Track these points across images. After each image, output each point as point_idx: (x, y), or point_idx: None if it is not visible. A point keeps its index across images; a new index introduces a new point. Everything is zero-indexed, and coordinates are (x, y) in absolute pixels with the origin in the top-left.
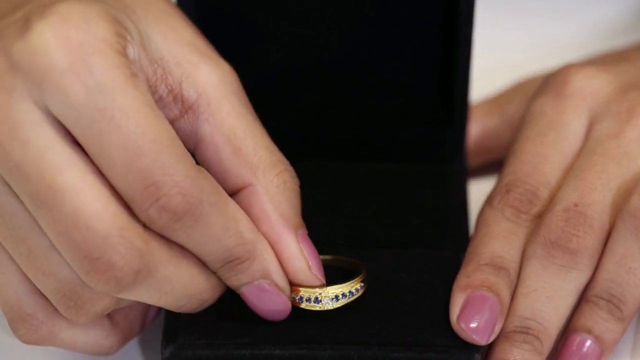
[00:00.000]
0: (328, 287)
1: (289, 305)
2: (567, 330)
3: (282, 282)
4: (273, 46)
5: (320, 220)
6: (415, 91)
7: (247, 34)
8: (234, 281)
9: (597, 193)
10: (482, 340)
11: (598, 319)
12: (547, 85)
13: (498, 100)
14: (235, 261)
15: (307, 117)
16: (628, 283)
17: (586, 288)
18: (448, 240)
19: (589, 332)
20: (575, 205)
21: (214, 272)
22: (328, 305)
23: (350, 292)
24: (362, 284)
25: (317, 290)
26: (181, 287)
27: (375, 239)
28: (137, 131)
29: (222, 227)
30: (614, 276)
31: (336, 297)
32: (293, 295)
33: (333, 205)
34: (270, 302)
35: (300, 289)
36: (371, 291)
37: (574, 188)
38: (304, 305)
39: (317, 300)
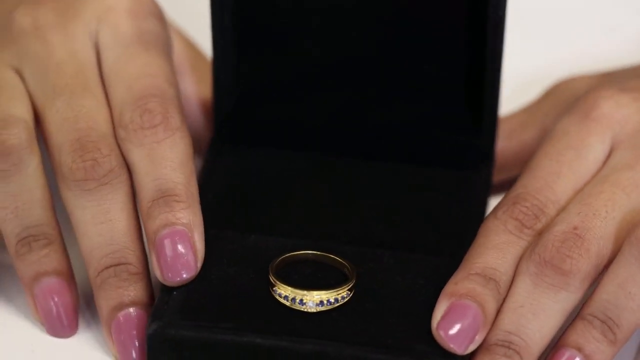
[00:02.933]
0: (314, 292)
1: (194, 271)
2: (557, 345)
3: (200, 245)
4: (310, 42)
5: (331, 215)
6: (445, 97)
7: (285, 28)
8: (161, 219)
9: (600, 220)
10: (459, 349)
11: (590, 338)
12: (576, 106)
13: (535, 111)
14: (174, 197)
15: (337, 114)
16: (625, 307)
17: (583, 306)
18: (455, 249)
19: (579, 349)
20: (575, 228)
21: (141, 212)
22: (312, 309)
23: (335, 299)
24: (349, 292)
25: (304, 292)
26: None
27: (381, 240)
28: (148, 70)
29: (180, 159)
30: (613, 298)
31: (321, 302)
32: (279, 292)
33: (347, 202)
34: (181, 258)
35: (288, 287)
36: (362, 291)
37: (577, 212)
38: (287, 303)
39: (301, 302)
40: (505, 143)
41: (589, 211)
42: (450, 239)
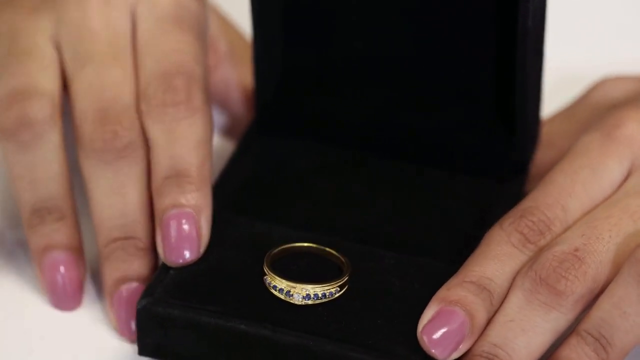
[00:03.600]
0: (302, 285)
1: (197, 255)
2: (550, 358)
3: (206, 228)
4: (353, 38)
5: (345, 211)
6: (481, 105)
7: (329, 22)
8: (170, 199)
9: (602, 244)
10: (440, 355)
11: (582, 354)
12: (600, 124)
13: (576, 118)
14: (186, 178)
15: (372, 112)
16: (619, 327)
17: (580, 322)
18: (464, 257)
19: None
20: (576, 250)
21: (152, 188)
22: (298, 301)
23: (323, 294)
24: (339, 289)
25: (291, 284)
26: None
27: (389, 240)
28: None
29: (197, 140)
30: (607, 316)
31: (307, 295)
32: (269, 281)
33: (365, 200)
34: (185, 240)
35: (277, 277)
36: (355, 289)
37: (581, 233)
38: (275, 293)
39: (288, 294)
40: (545, 152)
41: (592, 234)
42: (458, 246)
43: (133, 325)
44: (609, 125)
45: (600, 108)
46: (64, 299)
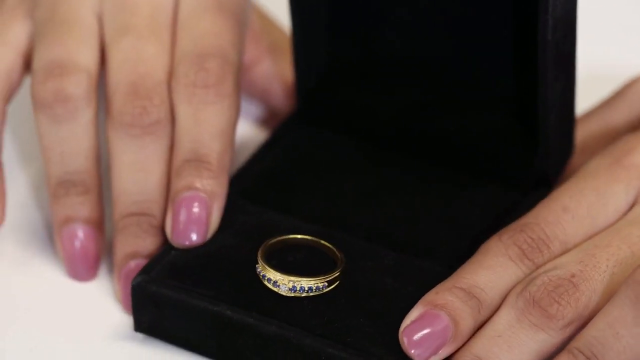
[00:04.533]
0: (289, 276)
1: (202, 240)
2: None
3: (216, 216)
4: (393, 36)
5: (357, 208)
6: (510, 114)
7: (373, 17)
8: (187, 181)
9: (598, 273)
10: (419, 357)
11: None
12: (611, 148)
13: (608, 122)
14: (206, 164)
15: (403, 111)
16: (612, 347)
17: (573, 339)
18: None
19: None
20: (572, 276)
21: (172, 168)
22: (284, 292)
23: (310, 288)
24: (327, 284)
25: (279, 275)
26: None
27: (394, 241)
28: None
29: (222, 127)
30: (600, 336)
31: (294, 287)
32: (259, 270)
33: (380, 198)
34: (194, 224)
35: (267, 267)
36: (346, 285)
37: (579, 260)
38: (264, 282)
39: (275, 284)
40: (581, 157)
41: (590, 262)
42: (463, 253)
43: None
44: (620, 150)
45: (635, 111)
46: (80, 270)
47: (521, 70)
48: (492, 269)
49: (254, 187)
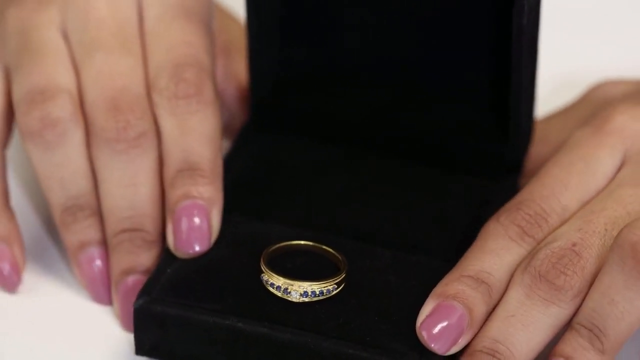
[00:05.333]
0: (300, 282)
1: (207, 246)
2: (549, 355)
3: (217, 221)
4: (349, 36)
5: (341, 209)
6: (476, 104)
7: (326, 19)
8: (183, 191)
9: (598, 238)
10: (440, 350)
11: (578, 347)
12: (592, 118)
13: (572, 116)
14: (199, 171)
15: (367, 111)
16: (609, 315)
17: (574, 316)
18: (460, 255)
19: (568, 359)
20: (574, 245)
21: (164, 180)
22: (295, 298)
23: (320, 291)
24: (336, 286)
25: (289, 281)
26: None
27: (385, 238)
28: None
29: (209, 133)
30: (597, 306)
31: (305, 293)
32: (266, 279)
33: (361, 198)
34: (196, 232)
35: (275, 275)
36: (352, 287)
37: (578, 227)
38: (273, 290)
39: (286, 292)
40: (539, 147)
41: (589, 229)
42: (455, 244)
43: None
44: (600, 119)
45: (597, 106)
46: (102, 293)
47: (489, 58)
48: (495, 252)
49: (232, 198)
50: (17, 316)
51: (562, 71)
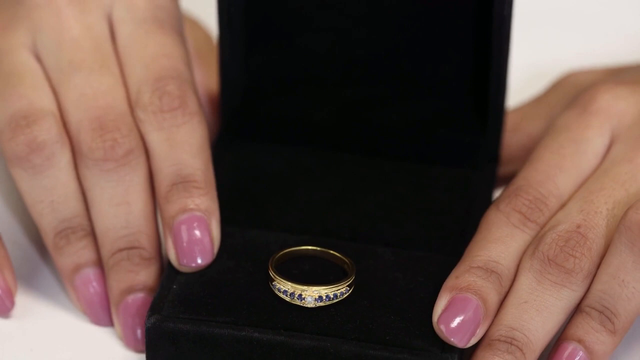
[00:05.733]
0: (313, 287)
1: (211, 258)
2: (559, 339)
3: (217, 231)
4: (317, 37)
5: (332, 211)
6: (451, 96)
7: (293, 22)
8: (180, 204)
9: (601, 218)
10: (460, 343)
11: (590, 330)
12: (575, 100)
13: (542, 104)
14: (193, 182)
15: (343, 110)
16: (620, 296)
17: (582, 299)
18: (457, 246)
19: (580, 341)
20: (578, 226)
21: (158, 195)
22: (310, 304)
23: (334, 295)
24: (348, 288)
25: (303, 287)
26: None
27: (382, 237)
28: (165, 51)
29: (198, 144)
30: (607, 288)
31: (320, 297)
32: (279, 287)
33: (349, 198)
34: (198, 244)
35: (287, 282)
36: (361, 288)
37: (580, 209)
38: (286, 298)
39: (300, 297)
40: (511, 136)
41: (590, 209)
42: (452, 237)
43: (139, 335)
44: (584, 100)
45: (569, 93)
46: (101, 314)
47: (464, 51)
48: (500, 241)
49: (220, 208)
50: (17, 343)
51: (527, 62)
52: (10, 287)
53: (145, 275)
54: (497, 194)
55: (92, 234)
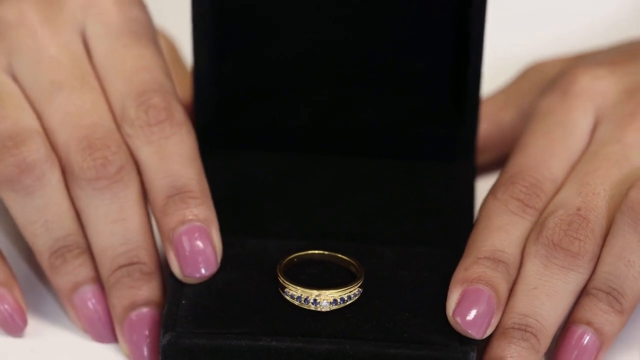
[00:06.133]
0: (326, 291)
1: (215, 267)
2: (567, 323)
3: (218, 240)
4: (289, 42)
5: (325, 214)
6: (427, 90)
7: (264, 29)
8: (178, 216)
9: (600, 199)
10: (477, 334)
11: (598, 312)
12: (555, 84)
13: (512, 93)
14: (188, 193)
15: (320, 113)
16: (627, 276)
17: (588, 281)
18: (452, 239)
19: (589, 324)
20: (578, 209)
21: (154, 209)
22: (325, 308)
23: (348, 297)
24: (360, 289)
25: (315, 292)
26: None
27: (379, 235)
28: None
29: (189, 154)
30: (613, 269)
31: (334, 301)
32: (291, 293)
33: (341, 199)
34: (201, 254)
35: (299, 288)
36: (370, 288)
37: (578, 192)
38: (298, 303)
39: (315, 302)
40: (483, 126)
41: (588, 191)
42: (445, 230)
43: (145, 352)
44: (564, 84)
45: (537, 81)
46: (103, 331)
47: (439, 44)
48: (502, 229)
49: None
50: (21, 356)
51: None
52: (22, 306)
53: (148, 290)
54: (479, 183)
55: (88, 251)
